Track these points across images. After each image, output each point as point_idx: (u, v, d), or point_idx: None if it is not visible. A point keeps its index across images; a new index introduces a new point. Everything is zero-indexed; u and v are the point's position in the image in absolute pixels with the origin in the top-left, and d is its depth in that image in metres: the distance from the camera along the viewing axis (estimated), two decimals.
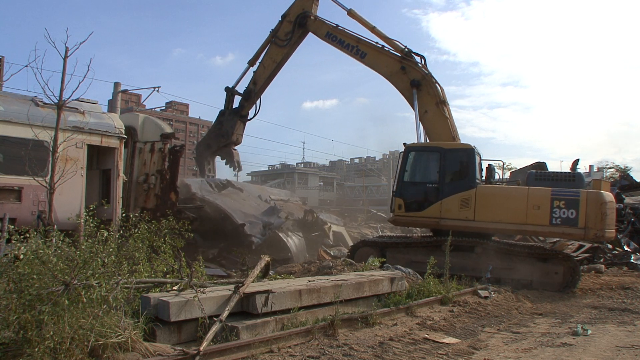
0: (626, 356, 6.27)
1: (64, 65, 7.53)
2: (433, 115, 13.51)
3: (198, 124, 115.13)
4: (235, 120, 17.04)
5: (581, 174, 12.58)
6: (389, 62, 14.23)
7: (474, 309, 8.90)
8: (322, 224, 19.48)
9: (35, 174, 7.99)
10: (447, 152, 12.52)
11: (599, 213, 11.05)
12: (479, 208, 11.89)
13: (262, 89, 16.85)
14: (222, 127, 17.26)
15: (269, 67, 16.44)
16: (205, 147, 17.83)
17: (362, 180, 69.74)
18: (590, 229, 11.08)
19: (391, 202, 13.16)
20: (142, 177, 13.64)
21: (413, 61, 14.02)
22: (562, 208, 11.25)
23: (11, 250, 5.23)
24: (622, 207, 18.53)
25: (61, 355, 4.46)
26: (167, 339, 5.74)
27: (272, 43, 16.29)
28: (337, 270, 10.58)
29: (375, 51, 14.48)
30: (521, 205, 11.52)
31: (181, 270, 6.79)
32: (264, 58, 16.58)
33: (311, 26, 15.59)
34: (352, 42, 14.68)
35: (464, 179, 12.28)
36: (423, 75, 13.79)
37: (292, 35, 15.79)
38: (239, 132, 17.26)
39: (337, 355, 5.79)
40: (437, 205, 12.33)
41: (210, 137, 17.73)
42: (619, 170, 46.77)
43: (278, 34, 16.13)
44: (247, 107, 17.11)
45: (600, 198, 11.19)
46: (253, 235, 15.14)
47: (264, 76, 16.55)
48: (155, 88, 27.07)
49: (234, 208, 16.19)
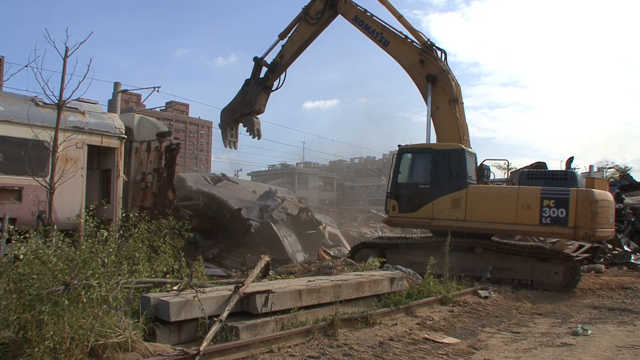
0: (626, 356, 6.27)
1: (64, 65, 7.53)
2: (444, 113, 13.37)
3: (198, 124, 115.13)
4: (259, 90, 17.17)
5: (574, 172, 12.20)
6: (410, 53, 14.10)
7: (474, 309, 8.89)
8: (317, 224, 19.53)
9: (35, 174, 7.99)
10: (438, 153, 12.57)
11: (589, 212, 10.83)
12: (469, 208, 11.89)
13: (288, 63, 16.92)
14: (246, 96, 17.39)
15: (297, 43, 16.48)
16: (229, 114, 17.99)
17: (362, 180, 69.74)
18: (580, 228, 10.88)
19: (385, 203, 13.27)
20: (139, 176, 13.68)
21: (433, 55, 13.79)
22: (551, 207, 11.09)
23: (11, 250, 5.22)
24: (622, 207, 18.52)
25: (61, 355, 4.46)
26: (167, 339, 5.74)
27: (303, 20, 16.27)
28: (337, 270, 10.58)
29: (398, 40, 14.33)
30: (511, 204, 11.45)
31: (181, 270, 6.79)
32: (293, 33, 16.54)
33: (341, 8, 15.54)
34: (378, 29, 14.65)
35: (455, 180, 12.28)
36: (440, 70, 13.56)
37: (322, 14, 15.78)
38: (262, 101, 17.39)
39: (337, 355, 5.79)
40: (429, 205, 12.40)
41: (235, 104, 17.82)
42: (619, 170, 46.65)
43: (310, 12, 16.11)
44: (272, 79, 17.20)
45: (590, 196, 10.95)
46: (251, 218, 15.33)
47: (291, 51, 16.62)
48: (155, 88, 27.05)
49: (229, 196, 16.38)
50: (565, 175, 11.71)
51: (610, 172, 47.26)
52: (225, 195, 16.32)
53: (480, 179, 12.69)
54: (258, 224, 15.46)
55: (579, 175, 11.98)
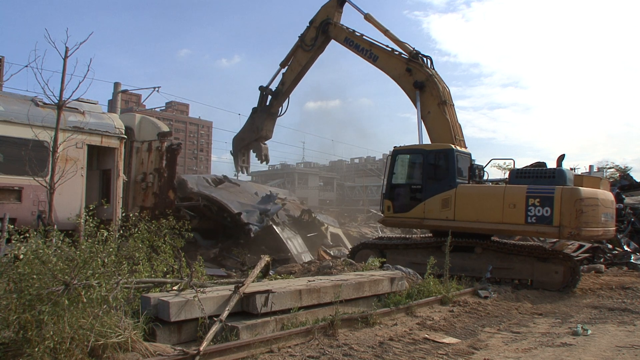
0: (626, 356, 6.27)
1: (64, 65, 7.53)
2: (434, 115, 13.71)
3: (198, 124, 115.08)
4: (265, 117, 18.25)
5: (563, 170, 11.80)
6: (397, 64, 14.73)
7: (474, 309, 8.89)
8: (320, 225, 19.53)
9: (35, 174, 7.99)
10: (429, 154, 12.71)
11: (573, 210, 10.58)
12: (458, 208, 11.90)
13: (290, 89, 18.06)
14: (254, 123, 18.52)
15: (295, 70, 17.65)
16: (239, 141, 19.00)
17: (362, 180, 69.73)
18: (564, 227, 10.67)
19: (381, 204, 13.46)
20: (140, 176, 13.68)
21: (419, 63, 14.33)
22: (537, 206, 10.95)
23: (11, 250, 5.22)
24: (622, 207, 18.50)
25: (61, 355, 4.45)
26: (167, 339, 5.74)
27: (299, 47, 17.46)
28: (337, 270, 10.57)
29: (385, 54, 15.08)
30: (498, 204, 11.39)
31: (181, 270, 6.79)
32: (292, 61, 17.71)
33: (332, 32, 16.70)
34: (366, 46, 15.55)
35: (444, 180, 12.35)
36: (427, 76, 14.00)
37: (316, 40, 16.99)
38: (269, 127, 18.53)
39: (337, 355, 5.79)
40: (421, 205, 12.51)
41: (244, 132, 18.94)
42: (619, 170, 46.69)
43: (305, 39, 17.32)
44: (276, 105, 18.32)
45: (575, 194, 10.67)
46: (250, 223, 15.36)
47: (291, 78, 17.79)
48: (155, 88, 27.08)
49: (229, 199, 16.41)
50: (554, 174, 11.48)
51: (610, 172, 47.29)
52: (225, 198, 16.28)
53: (472, 178, 12.67)
54: (258, 228, 15.43)
55: (569, 174, 11.70)
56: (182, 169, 75.66)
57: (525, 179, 11.72)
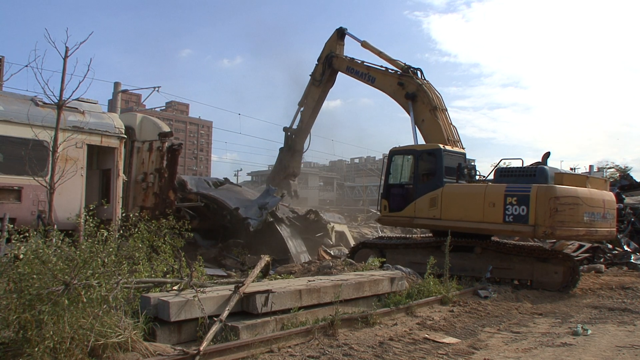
0: (626, 356, 6.27)
1: (64, 65, 7.52)
2: (428, 122, 14.48)
3: (198, 124, 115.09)
4: (291, 155, 19.90)
5: (544, 168, 11.41)
6: (391, 81, 15.82)
7: (474, 309, 8.89)
8: (325, 224, 19.46)
9: (35, 174, 7.97)
10: (419, 154, 13.09)
11: (547, 209, 10.42)
12: (444, 207, 12.05)
13: (309, 124, 19.58)
14: (282, 162, 20.13)
15: (310, 106, 19.21)
16: (271, 181, 20.49)
17: (362, 180, 69.75)
18: (539, 227, 10.54)
19: (378, 203, 13.81)
20: (141, 176, 13.65)
21: (409, 75, 15.25)
22: (514, 205, 10.90)
23: (11, 250, 5.22)
24: (622, 207, 18.50)
25: (61, 355, 4.45)
26: (167, 339, 5.74)
27: (312, 84, 19.02)
28: (337, 270, 10.56)
29: (381, 74, 16.23)
30: (479, 203, 11.43)
31: (181, 270, 6.78)
32: (307, 99, 19.24)
33: (335, 64, 18.23)
34: (364, 70, 16.92)
35: (432, 179, 12.60)
36: (417, 86, 14.86)
37: (323, 74, 18.54)
38: (296, 165, 20.32)
39: (337, 355, 5.79)
40: (412, 205, 12.77)
41: (275, 172, 20.70)
42: (619, 170, 46.68)
43: (315, 76, 18.89)
44: (300, 143, 19.91)
45: (550, 193, 10.50)
46: (249, 217, 15.44)
47: (308, 113, 19.36)
48: (155, 88, 27.08)
49: (228, 197, 16.47)
50: (534, 172, 11.32)
51: (610, 172, 47.30)
52: (223, 196, 16.35)
53: (461, 177, 12.66)
54: (257, 222, 15.44)
55: (550, 172, 11.40)
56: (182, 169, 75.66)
57: (508, 177, 11.72)
